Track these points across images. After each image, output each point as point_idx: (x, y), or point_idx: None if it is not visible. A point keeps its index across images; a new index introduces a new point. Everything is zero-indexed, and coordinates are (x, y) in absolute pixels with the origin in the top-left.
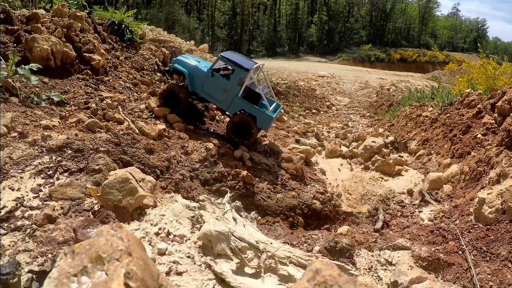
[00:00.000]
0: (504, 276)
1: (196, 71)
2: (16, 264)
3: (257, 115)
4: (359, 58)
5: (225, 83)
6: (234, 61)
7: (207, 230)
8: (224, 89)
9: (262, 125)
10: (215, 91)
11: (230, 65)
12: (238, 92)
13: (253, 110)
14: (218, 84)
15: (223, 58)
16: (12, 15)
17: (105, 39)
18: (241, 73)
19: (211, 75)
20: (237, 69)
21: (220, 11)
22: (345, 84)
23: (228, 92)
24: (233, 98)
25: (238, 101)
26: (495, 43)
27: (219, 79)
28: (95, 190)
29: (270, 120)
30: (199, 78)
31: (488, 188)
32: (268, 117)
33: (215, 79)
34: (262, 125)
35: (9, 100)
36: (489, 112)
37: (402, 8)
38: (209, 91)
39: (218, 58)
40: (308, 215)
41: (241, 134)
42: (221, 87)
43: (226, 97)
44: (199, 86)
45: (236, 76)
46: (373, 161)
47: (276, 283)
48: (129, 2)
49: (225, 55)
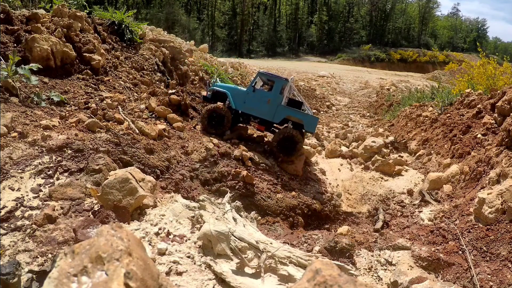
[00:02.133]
0: (504, 276)
1: (236, 91)
2: (16, 264)
3: (303, 119)
4: (359, 58)
5: (267, 95)
6: (273, 75)
7: (207, 230)
8: (267, 100)
9: (310, 127)
10: (258, 104)
11: (270, 78)
12: (281, 101)
13: (298, 115)
14: (260, 97)
15: (262, 74)
16: (12, 15)
17: (105, 39)
18: (281, 83)
19: (252, 90)
20: (277, 80)
21: (220, 11)
22: (345, 84)
23: (271, 102)
24: (277, 106)
25: (282, 108)
26: (495, 43)
27: (261, 92)
28: (95, 190)
29: (316, 122)
30: (239, 96)
31: (488, 188)
32: (314, 119)
33: (257, 93)
34: (310, 127)
35: (9, 100)
36: (489, 112)
37: (402, 8)
38: (252, 105)
39: (257, 75)
40: (308, 215)
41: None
42: (264, 99)
43: (270, 107)
44: (241, 103)
45: (277, 87)
46: (373, 161)
47: (276, 283)
48: (129, 2)
49: (263, 72)
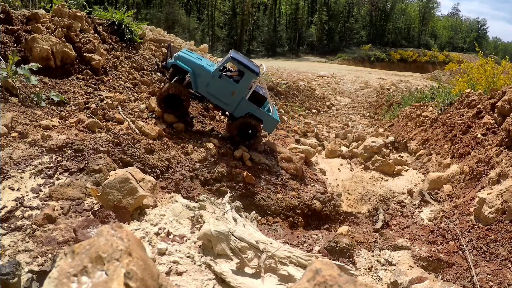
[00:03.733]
0: (504, 276)
1: (201, 70)
2: (16, 264)
3: (263, 119)
4: (359, 58)
5: (234, 86)
6: (246, 65)
7: (207, 230)
8: (232, 92)
9: (268, 128)
10: (222, 93)
11: (241, 68)
12: (245, 96)
13: (259, 114)
14: (225, 86)
15: (234, 60)
16: (12, 15)
17: (105, 39)
18: (252, 77)
19: (218, 76)
20: (247, 73)
21: (220, 11)
22: (345, 84)
23: (236, 95)
24: (241, 101)
25: (245, 104)
26: (495, 43)
27: (228, 82)
28: (95, 190)
29: (275, 124)
30: (204, 77)
31: (488, 188)
32: (274, 121)
33: (222, 81)
34: (268, 128)
35: (9, 100)
36: (489, 112)
37: (402, 8)
38: (215, 92)
39: (228, 59)
40: (308, 215)
41: (246, 136)
42: (229, 89)
43: (234, 100)
44: (203, 86)
45: (246, 80)
46: (373, 161)
47: (276, 283)
48: (129, 2)
49: (236, 57)
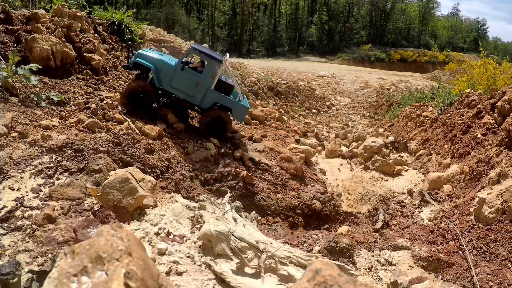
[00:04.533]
0: (504, 276)
1: (162, 66)
2: (16, 264)
3: (232, 107)
4: (359, 58)
5: (197, 76)
6: (208, 53)
7: (207, 230)
8: (197, 82)
9: (238, 116)
10: (186, 86)
11: (203, 57)
12: (211, 85)
13: (227, 102)
14: (189, 78)
15: (195, 50)
16: (12, 15)
17: (105, 39)
18: (215, 65)
19: (180, 68)
20: (210, 61)
21: (220, 11)
22: (345, 84)
23: (200, 86)
24: (206, 91)
25: (211, 94)
26: (495, 43)
27: (190, 73)
28: (95, 190)
29: (245, 111)
30: (166, 72)
31: (488, 188)
32: (243, 108)
33: (185, 73)
34: (238, 116)
35: (9, 100)
36: (489, 112)
37: (402, 8)
38: (179, 86)
39: (190, 50)
40: (308, 215)
41: (216, 129)
42: (193, 80)
43: (199, 91)
44: (167, 81)
45: (209, 69)
46: (373, 161)
47: (276, 283)
48: (129, 2)
49: (196, 47)
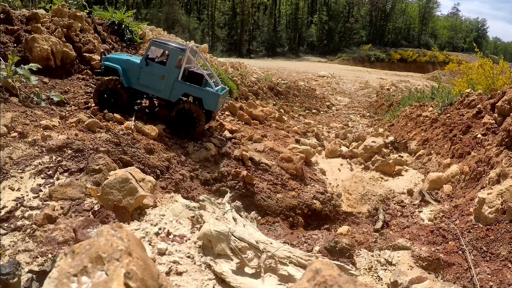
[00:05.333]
0: (504, 276)
1: (129, 65)
2: (16, 264)
3: (202, 96)
4: (359, 58)
5: (161, 69)
6: (168, 44)
7: (207, 230)
8: (162, 75)
9: (210, 105)
10: (152, 81)
11: (164, 49)
12: (177, 76)
13: (197, 91)
14: (154, 72)
15: (155, 43)
16: (12, 15)
17: (105, 39)
18: (177, 53)
19: (145, 64)
20: (172, 51)
21: (220, 11)
22: (345, 84)
23: (166, 78)
24: (173, 83)
25: (179, 85)
26: (495, 43)
27: (155, 66)
28: (95, 190)
29: (217, 98)
30: (133, 71)
31: (488, 188)
32: (214, 95)
33: (150, 68)
34: (210, 105)
35: (9, 100)
36: (489, 112)
37: (402, 8)
38: (146, 82)
39: (151, 44)
40: (308, 215)
41: (187, 124)
42: (158, 74)
43: (166, 83)
44: (135, 79)
45: (172, 59)
46: (373, 161)
47: (276, 283)
48: (129, 2)
49: (157, 40)
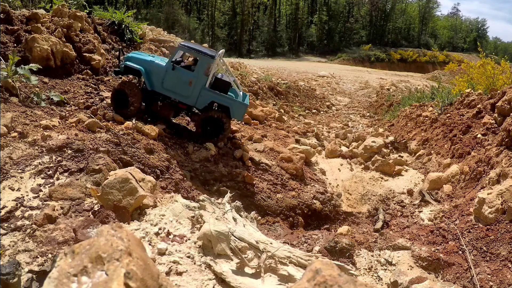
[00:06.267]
0: (504, 276)
1: (153, 67)
2: (16, 264)
3: (230, 105)
4: (359, 58)
5: (189, 75)
6: (198, 49)
7: (207, 230)
8: (189, 81)
9: (236, 115)
10: (178, 86)
11: (193, 54)
12: (205, 83)
13: (224, 100)
14: (181, 77)
15: (183, 47)
16: (12, 15)
17: (105, 39)
18: (207, 61)
19: (171, 68)
20: (201, 57)
21: (220, 11)
22: (345, 84)
23: (194, 84)
24: (201, 90)
25: (206, 92)
26: (495, 43)
27: (182, 71)
28: (95, 190)
29: (244, 109)
30: (157, 74)
31: (488, 188)
32: (241, 105)
33: (177, 72)
34: (236, 115)
35: (9, 100)
36: (489, 112)
37: (402, 8)
38: (171, 87)
39: (178, 48)
40: (308, 215)
41: (212, 131)
42: (185, 79)
43: (193, 90)
44: (159, 83)
45: (201, 65)
46: (373, 161)
47: (276, 283)
48: (129, 2)
49: (185, 44)
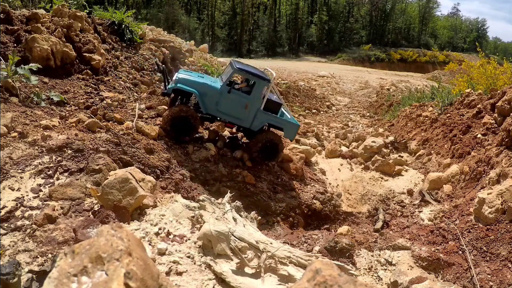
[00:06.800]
0: (504, 276)
1: (207, 89)
2: (16, 264)
3: (284, 127)
4: (359, 58)
5: (246, 98)
6: (255, 73)
7: (207, 230)
8: (245, 104)
9: (289, 135)
10: (234, 109)
11: (250, 77)
12: (260, 106)
13: (278, 122)
14: (237, 101)
15: (240, 71)
16: (12, 15)
17: (105, 39)
18: (264, 84)
19: (227, 91)
20: (258, 81)
21: (220, 11)
22: (345, 84)
23: (250, 107)
24: (256, 112)
25: (261, 115)
26: (495, 43)
27: (239, 95)
28: (95, 190)
29: (296, 129)
30: (211, 96)
31: (488, 188)
32: (294, 126)
33: (233, 96)
34: (289, 135)
35: (9, 100)
36: (489, 112)
37: (402, 8)
38: (226, 109)
39: (233, 70)
40: (308, 215)
41: (268, 154)
42: (242, 103)
43: (248, 113)
44: (213, 105)
45: (258, 89)
46: (373, 161)
47: (276, 283)
48: (129, 2)
49: (242, 68)
